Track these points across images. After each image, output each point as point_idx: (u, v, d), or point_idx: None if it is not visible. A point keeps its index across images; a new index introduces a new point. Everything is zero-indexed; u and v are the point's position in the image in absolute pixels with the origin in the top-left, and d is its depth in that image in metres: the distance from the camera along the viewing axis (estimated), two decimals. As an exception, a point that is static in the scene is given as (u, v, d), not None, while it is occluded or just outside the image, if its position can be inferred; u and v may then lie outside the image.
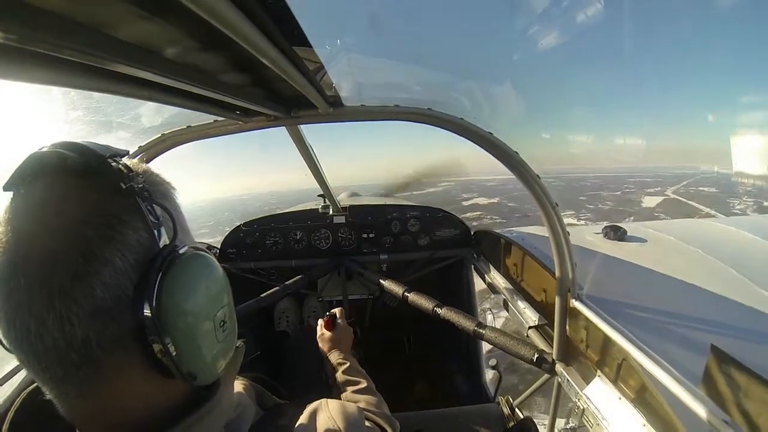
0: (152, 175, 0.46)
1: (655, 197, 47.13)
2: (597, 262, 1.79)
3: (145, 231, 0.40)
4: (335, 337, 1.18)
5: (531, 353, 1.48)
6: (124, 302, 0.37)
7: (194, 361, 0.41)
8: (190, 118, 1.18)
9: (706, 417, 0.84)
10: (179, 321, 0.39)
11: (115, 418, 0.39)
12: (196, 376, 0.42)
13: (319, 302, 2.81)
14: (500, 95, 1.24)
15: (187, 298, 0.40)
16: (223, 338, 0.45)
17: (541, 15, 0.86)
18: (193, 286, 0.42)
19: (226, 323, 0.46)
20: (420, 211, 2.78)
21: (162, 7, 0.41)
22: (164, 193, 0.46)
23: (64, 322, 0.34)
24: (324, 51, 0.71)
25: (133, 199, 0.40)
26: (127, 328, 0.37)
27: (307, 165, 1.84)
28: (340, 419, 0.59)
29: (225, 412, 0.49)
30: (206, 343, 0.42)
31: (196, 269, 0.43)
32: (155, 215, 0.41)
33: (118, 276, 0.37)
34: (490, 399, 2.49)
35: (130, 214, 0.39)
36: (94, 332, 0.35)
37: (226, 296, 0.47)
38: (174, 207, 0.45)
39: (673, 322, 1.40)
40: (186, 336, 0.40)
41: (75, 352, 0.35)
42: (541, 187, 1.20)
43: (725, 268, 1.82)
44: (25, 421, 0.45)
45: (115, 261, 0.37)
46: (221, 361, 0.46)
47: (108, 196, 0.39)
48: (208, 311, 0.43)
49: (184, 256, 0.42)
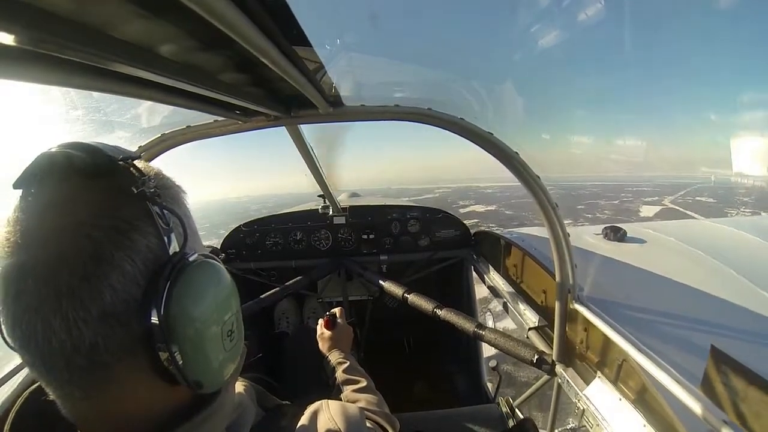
0: (163, 179, 0.45)
1: (653, 207, 47.25)
2: (597, 263, 1.79)
3: (155, 237, 0.39)
4: (335, 336, 1.18)
5: (531, 354, 1.48)
6: (132, 308, 0.37)
7: (201, 370, 0.41)
8: (190, 118, 1.18)
9: (706, 417, 0.84)
10: (187, 329, 0.39)
11: (118, 421, 0.39)
12: (202, 385, 0.42)
13: (319, 303, 2.81)
14: (501, 95, 1.24)
15: (195, 306, 0.40)
16: (231, 347, 0.45)
17: (542, 14, 0.86)
18: (202, 295, 0.41)
19: (234, 332, 0.46)
20: (420, 212, 2.77)
21: (162, 7, 0.41)
22: (174, 197, 0.45)
23: (71, 325, 0.34)
24: (324, 50, 0.71)
25: (143, 204, 0.39)
26: (135, 334, 0.37)
27: (307, 165, 1.84)
28: (341, 420, 0.59)
29: (227, 415, 0.48)
30: (214, 352, 0.42)
31: (206, 278, 0.43)
32: (165, 221, 0.40)
33: (126, 281, 0.36)
34: (490, 399, 2.49)
35: (141, 219, 0.39)
36: (101, 337, 0.35)
37: (234, 304, 0.47)
38: (184, 212, 0.45)
39: (673, 323, 1.40)
40: (193, 345, 0.40)
41: (82, 356, 0.35)
42: (541, 188, 1.20)
43: (725, 269, 1.82)
44: (26, 421, 0.45)
45: (123, 265, 0.36)
46: (228, 369, 0.46)
47: (118, 200, 0.38)
48: (216, 320, 0.42)
49: (194, 264, 0.41)
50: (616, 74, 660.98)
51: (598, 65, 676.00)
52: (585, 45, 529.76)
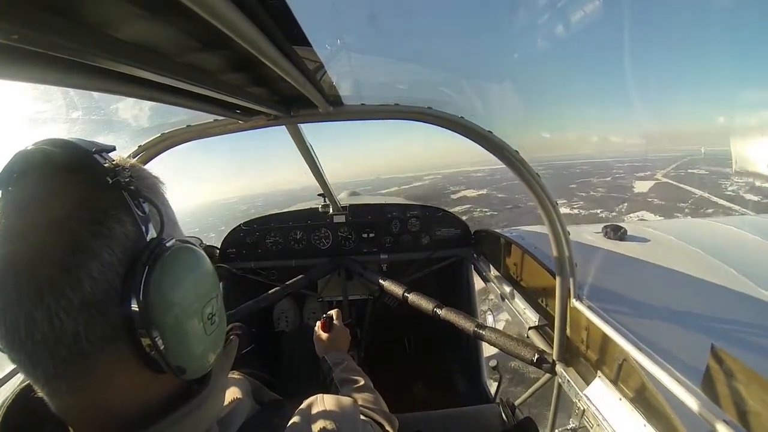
0: (139, 170, 0.46)
1: (647, 182, 46.99)
2: (597, 262, 1.79)
3: (132, 225, 0.40)
4: (331, 338, 1.18)
5: (531, 354, 1.48)
6: (112, 296, 0.37)
7: (183, 355, 0.41)
8: (190, 118, 1.18)
9: (706, 417, 0.84)
10: (167, 315, 0.39)
11: (106, 414, 0.39)
12: (185, 370, 0.42)
13: (319, 302, 2.81)
14: (500, 94, 1.24)
15: (174, 291, 0.40)
16: (212, 331, 0.45)
17: (541, 13, 0.86)
18: (180, 279, 0.42)
19: (215, 316, 0.46)
20: (420, 211, 2.77)
21: (162, 7, 0.41)
22: (151, 187, 0.46)
23: (53, 316, 0.34)
24: (324, 50, 0.71)
25: (119, 193, 0.40)
26: (116, 322, 0.37)
27: (307, 164, 1.84)
28: (335, 412, 0.59)
29: (216, 405, 0.49)
30: (195, 336, 0.42)
31: (183, 262, 0.43)
32: (142, 209, 0.41)
33: (105, 270, 0.37)
34: (490, 399, 2.49)
35: (117, 208, 0.39)
36: (83, 326, 0.36)
37: (215, 289, 0.47)
38: (161, 201, 0.45)
39: (674, 323, 1.40)
40: (174, 330, 0.40)
41: (64, 347, 0.35)
42: (541, 186, 1.20)
43: (726, 268, 1.82)
44: (16, 420, 0.45)
45: (102, 254, 0.37)
46: (211, 354, 0.46)
47: (94, 190, 0.39)
48: (195, 304, 0.43)
49: (172, 249, 0.42)
50: (612, 67, 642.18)
51: (593, 58, 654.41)
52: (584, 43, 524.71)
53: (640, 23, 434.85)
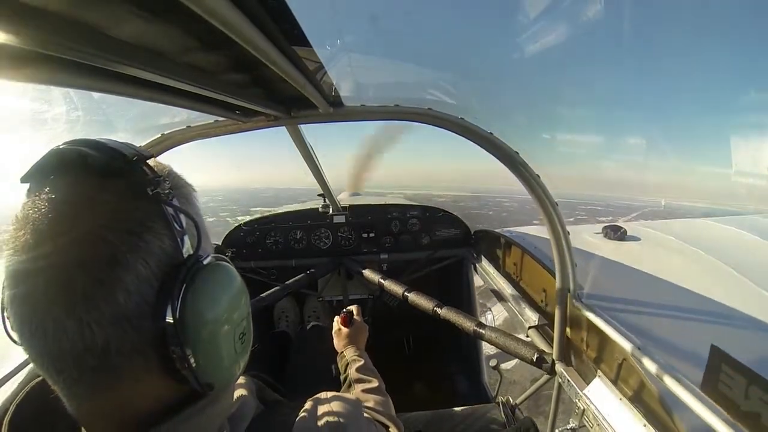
0: (176, 178, 0.45)
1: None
2: (597, 262, 1.79)
3: (169, 238, 0.39)
4: (352, 333, 1.18)
5: (531, 353, 1.48)
6: (145, 310, 0.36)
7: (213, 372, 0.41)
8: (190, 118, 1.18)
9: (706, 417, 0.84)
10: (202, 332, 0.39)
11: (124, 416, 0.39)
12: (213, 386, 0.42)
13: (320, 302, 2.81)
14: (501, 95, 1.24)
15: (210, 309, 0.40)
16: (242, 349, 0.45)
17: (541, 13, 0.86)
18: (217, 297, 0.41)
19: (245, 335, 0.46)
20: (420, 211, 2.78)
21: (162, 7, 0.41)
22: (187, 197, 0.45)
23: (84, 328, 0.34)
24: (324, 51, 0.71)
25: (158, 205, 0.39)
26: (148, 336, 0.37)
27: (308, 165, 1.84)
28: (340, 410, 0.60)
29: (228, 402, 0.49)
30: (226, 354, 0.42)
31: (220, 281, 0.42)
32: (179, 223, 0.40)
33: (140, 283, 0.36)
34: (490, 399, 2.49)
35: (155, 221, 0.38)
36: (114, 339, 0.35)
37: (247, 307, 0.46)
38: (196, 212, 0.45)
39: (674, 323, 1.40)
40: (207, 348, 0.40)
41: (93, 357, 0.35)
42: (541, 187, 1.21)
43: (725, 268, 1.82)
44: (26, 417, 0.45)
45: (138, 268, 0.36)
46: (237, 370, 0.46)
47: (132, 200, 0.38)
48: (230, 323, 0.42)
49: (208, 266, 0.41)
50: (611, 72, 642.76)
51: (595, 65, 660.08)
52: (585, 44, 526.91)
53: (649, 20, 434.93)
